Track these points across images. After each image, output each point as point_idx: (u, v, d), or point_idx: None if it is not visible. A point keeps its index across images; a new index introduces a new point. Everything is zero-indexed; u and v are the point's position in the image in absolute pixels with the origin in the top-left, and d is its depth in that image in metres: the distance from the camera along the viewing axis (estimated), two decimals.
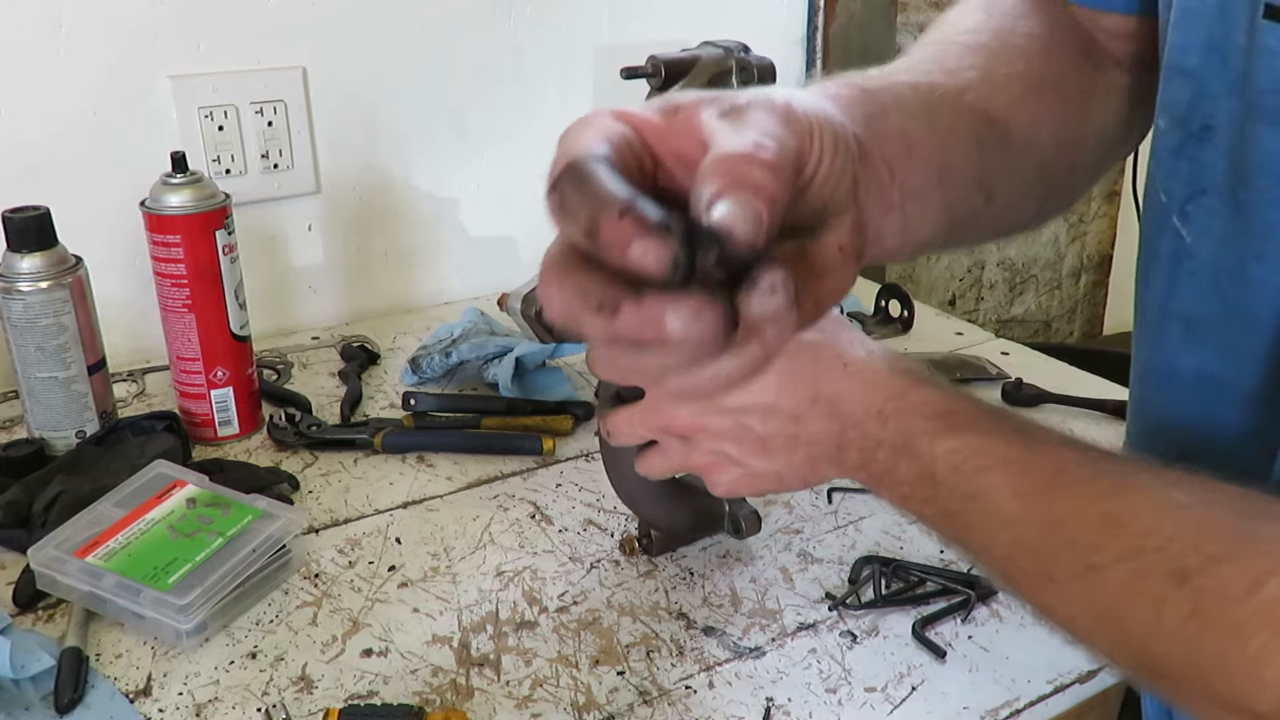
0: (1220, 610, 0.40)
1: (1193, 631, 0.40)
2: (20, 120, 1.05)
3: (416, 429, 0.99)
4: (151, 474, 0.83)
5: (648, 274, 0.34)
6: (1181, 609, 0.41)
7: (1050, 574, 0.46)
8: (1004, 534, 0.48)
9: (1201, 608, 0.40)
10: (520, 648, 0.72)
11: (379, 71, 1.22)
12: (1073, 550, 0.45)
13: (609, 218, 0.34)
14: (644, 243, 0.33)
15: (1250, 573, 0.40)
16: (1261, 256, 0.52)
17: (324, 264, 1.27)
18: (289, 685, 0.69)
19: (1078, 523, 0.45)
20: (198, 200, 0.92)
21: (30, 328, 0.88)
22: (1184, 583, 0.41)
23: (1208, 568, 0.41)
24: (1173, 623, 0.41)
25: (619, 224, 0.34)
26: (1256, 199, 0.52)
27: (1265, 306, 0.53)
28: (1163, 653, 0.42)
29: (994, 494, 0.48)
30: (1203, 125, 0.55)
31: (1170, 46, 0.56)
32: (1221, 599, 0.40)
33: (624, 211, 0.34)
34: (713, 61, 0.72)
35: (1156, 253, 0.59)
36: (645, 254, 0.33)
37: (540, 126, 1.34)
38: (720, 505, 0.80)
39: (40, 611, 0.75)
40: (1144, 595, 0.42)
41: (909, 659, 0.72)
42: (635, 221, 0.33)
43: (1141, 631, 0.42)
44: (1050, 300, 2.08)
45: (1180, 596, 0.41)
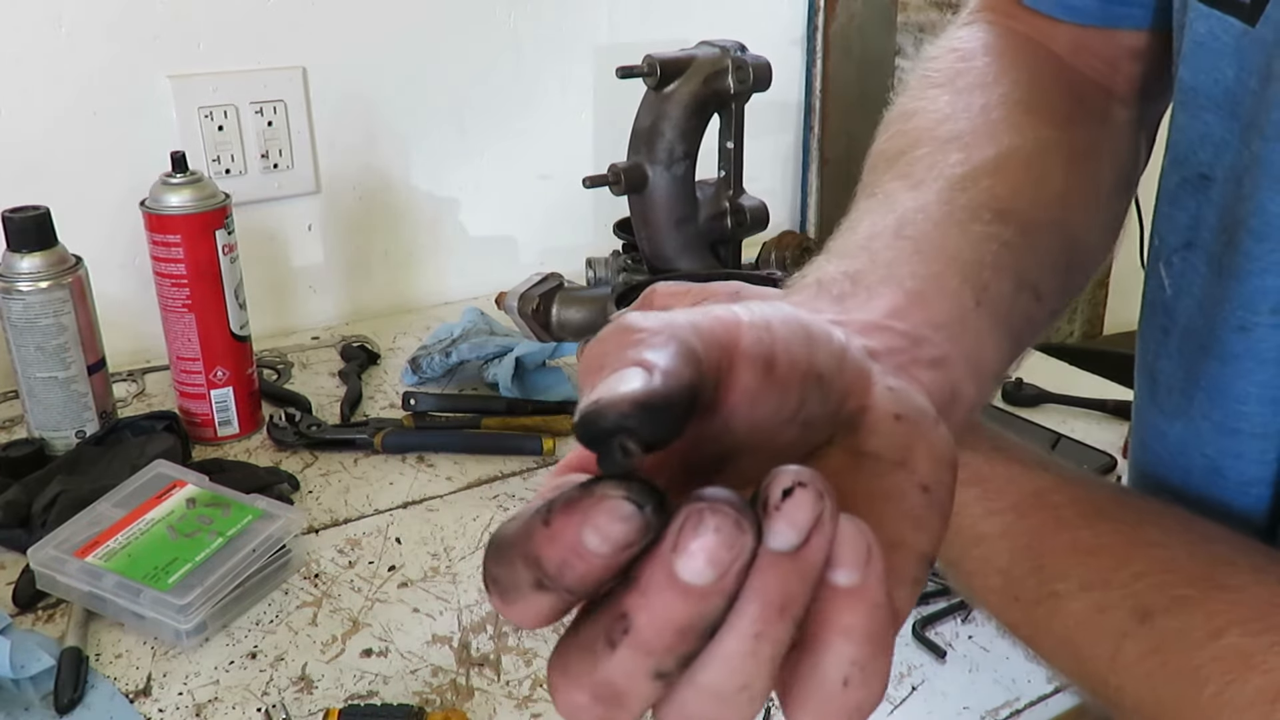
0: (1180, 653, 0.40)
1: (1150, 669, 0.40)
2: (20, 120, 1.05)
3: (416, 429, 0.99)
4: (151, 474, 0.83)
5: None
6: (1141, 646, 0.41)
7: (1016, 594, 0.46)
8: (973, 550, 0.48)
9: (1161, 648, 0.40)
10: (520, 648, 0.72)
11: (379, 71, 1.22)
12: (1039, 575, 0.45)
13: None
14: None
15: (1213, 619, 0.40)
16: (1244, 328, 0.47)
17: (324, 264, 1.27)
18: (289, 685, 0.68)
19: (1046, 548, 0.45)
20: (198, 200, 0.92)
21: (30, 328, 0.88)
22: (1146, 621, 0.41)
23: (1172, 609, 0.41)
24: (1131, 658, 0.41)
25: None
26: (1244, 265, 0.47)
27: (1239, 379, 0.48)
28: (1118, 686, 0.42)
29: (967, 510, 0.48)
30: (1200, 174, 0.50)
31: (1179, 81, 0.51)
32: (1182, 642, 0.40)
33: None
34: (709, 61, 0.72)
35: (1145, 294, 0.56)
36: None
37: (540, 126, 1.34)
38: None
39: (40, 611, 0.75)
40: (1105, 628, 0.42)
41: (909, 659, 0.72)
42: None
43: (1100, 663, 0.42)
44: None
45: (1141, 634, 0.41)
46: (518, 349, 1.06)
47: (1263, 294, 0.47)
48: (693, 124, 0.71)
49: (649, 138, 0.72)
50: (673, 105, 0.71)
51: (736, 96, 0.72)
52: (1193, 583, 0.41)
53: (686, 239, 0.73)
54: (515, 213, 1.36)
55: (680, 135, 0.71)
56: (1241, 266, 0.47)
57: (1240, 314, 0.48)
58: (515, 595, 0.26)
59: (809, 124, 1.56)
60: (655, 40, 1.12)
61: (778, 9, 1.49)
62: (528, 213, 1.37)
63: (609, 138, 1.37)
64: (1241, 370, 0.48)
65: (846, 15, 1.50)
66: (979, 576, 0.48)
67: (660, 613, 0.24)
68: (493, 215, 1.35)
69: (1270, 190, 0.45)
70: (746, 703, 0.26)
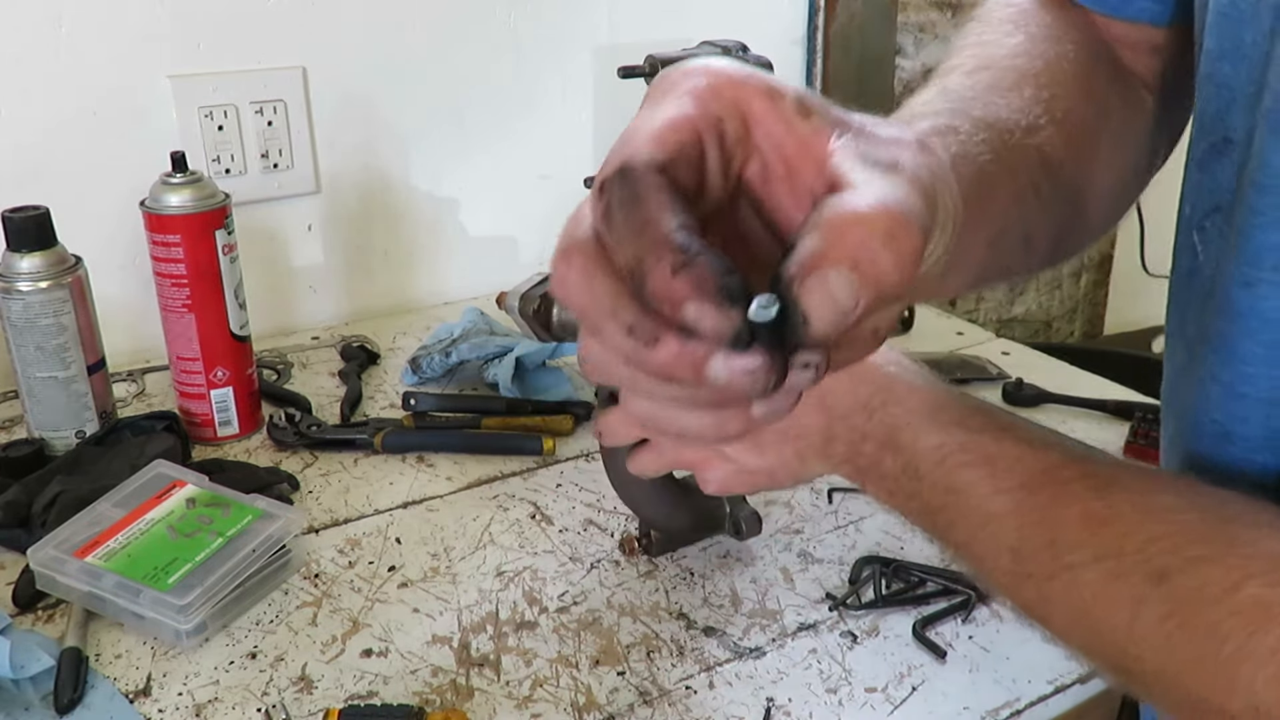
0: (1197, 611, 0.40)
1: (1169, 632, 0.40)
2: (20, 120, 1.05)
3: (416, 429, 0.99)
4: (151, 474, 0.83)
5: (698, 333, 0.30)
6: (1159, 610, 0.41)
7: (1028, 572, 0.46)
8: (983, 530, 0.48)
9: (1179, 609, 0.40)
10: (520, 648, 0.72)
11: (379, 71, 1.22)
12: (1051, 549, 0.45)
13: (660, 268, 0.30)
14: (700, 308, 0.30)
15: (1229, 574, 0.39)
16: (1249, 284, 0.48)
17: (324, 264, 1.27)
18: (289, 685, 0.68)
19: (1058, 522, 0.45)
20: (197, 200, 0.92)
21: (30, 328, 0.88)
22: (1162, 583, 0.41)
23: (1187, 569, 0.41)
24: (1149, 624, 0.41)
25: (671, 280, 0.30)
26: (1250, 220, 0.48)
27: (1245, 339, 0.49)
28: (1137, 654, 0.42)
29: (975, 490, 0.48)
30: (1223, 137, 0.52)
31: (1204, 52, 0.53)
32: (1199, 600, 0.40)
33: (679, 266, 0.30)
34: None
35: (1177, 267, 0.57)
36: (701, 319, 0.30)
37: (540, 126, 1.34)
38: (721, 506, 0.80)
39: (40, 611, 0.75)
40: (1122, 596, 0.42)
41: (909, 659, 0.72)
42: (693, 282, 0.30)
43: (1118, 633, 0.42)
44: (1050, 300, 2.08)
45: (1158, 597, 0.41)
46: (518, 349, 1.06)
47: (1267, 249, 0.47)
48: None
49: None
50: None
51: None
52: (1207, 542, 0.41)
53: None
54: (515, 213, 1.36)
55: None
56: (1247, 221, 0.48)
57: (1245, 269, 0.48)
58: (612, 231, 0.32)
59: None
60: (655, 40, 1.12)
61: (778, 9, 1.49)
62: (528, 213, 1.37)
63: (609, 138, 1.37)
64: (1247, 329, 0.49)
65: (846, 15, 1.50)
66: (990, 558, 0.48)
67: (671, 360, 0.31)
68: (493, 215, 1.35)
69: (1273, 143, 0.46)
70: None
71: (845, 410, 0.54)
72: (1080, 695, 0.70)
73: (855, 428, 0.54)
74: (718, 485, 0.60)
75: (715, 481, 0.60)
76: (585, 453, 0.97)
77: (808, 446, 0.56)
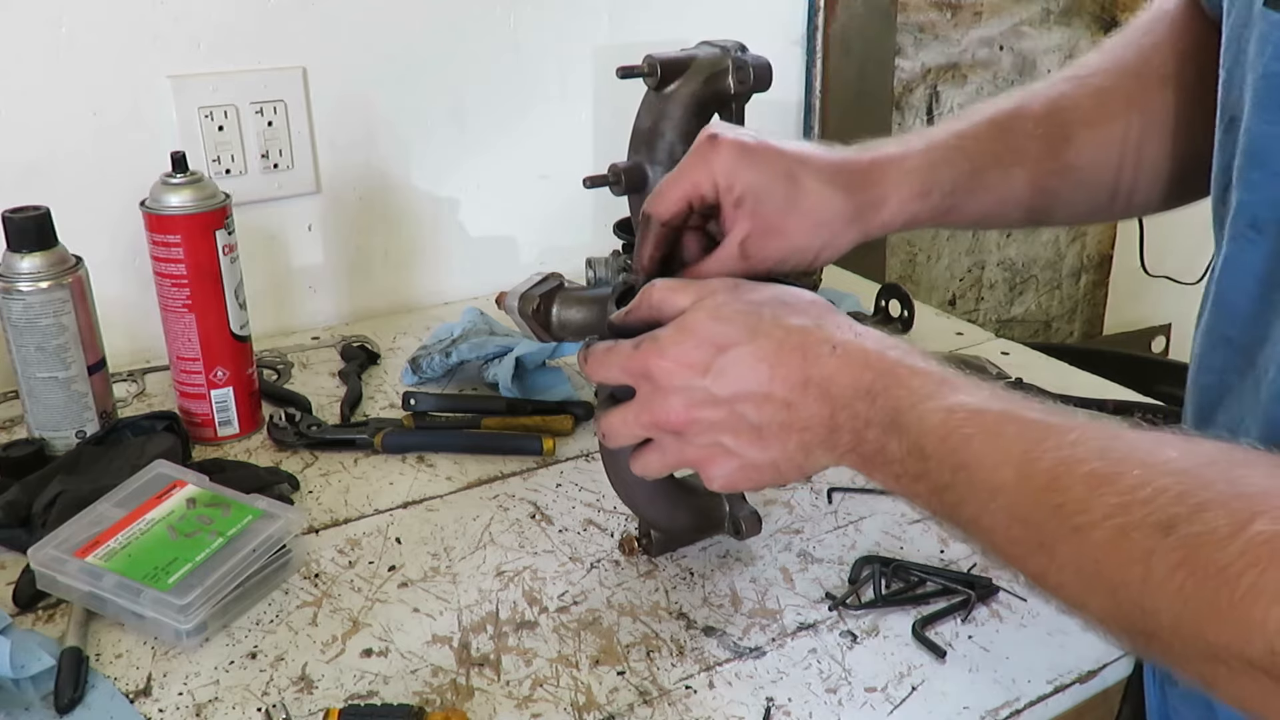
0: (1207, 555, 0.39)
1: (1181, 582, 0.40)
2: (20, 120, 1.05)
3: (416, 429, 0.99)
4: (151, 474, 0.83)
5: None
6: (1169, 560, 0.40)
7: (1039, 540, 0.46)
8: (992, 502, 0.48)
9: (1189, 557, 0.40)
10: (520, 648, 0.72)
11: (379, 71, 1.22)
12: (1060, 513, 0.45)
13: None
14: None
15: (1236, 516, 0.39)
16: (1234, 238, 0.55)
17: (324, 264, 1.27)
18: (289, 685, 0.69)
19: (1065, 485, 0.45)
20: (198, 200, 0.92)
21: (30, 328, 0.88)
22: (1171, 532, 0.40)
23: (1194, 516, 0.40)
24: (1161, 575, 0.40)
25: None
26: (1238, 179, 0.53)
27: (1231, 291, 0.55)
28: (1153, 609, 0.41)
29: (982, 462, 0.49)
30: (1230, 116, 0.55)
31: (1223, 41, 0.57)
32: (1208, 544, 0.39)
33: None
34: (708, 61, 0.72)
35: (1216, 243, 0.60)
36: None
37: (540, 126, 1.34)
38: (720, 505, 0.80)
39: (40, 611, 0.75)
40: (1132, 551, 0.42)
41: (909, 659, 0.72)
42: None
43: (1131, 590, 0.42)
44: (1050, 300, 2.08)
45: (1168, 546, 0.40)
46: (518, 349, 1.06)
47: (1244, 207, 0.53)
48: (693, 124, 0.71)
49: (649, 138, 0.72)
50: (673, 105, 0.71)
51: (737, 97, 0.72)
52: (1213, 487, 0.41)
53: None
54: (515, 213, 1.36)
55: (681, 136, 0.71)
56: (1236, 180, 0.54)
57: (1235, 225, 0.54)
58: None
59: (809, 124, 1.55)
60: (655, 40, 1.12)
61: (778, 9, 1.49)
62: (528, 213, 1.37)
63: (609, 138, 1.37)
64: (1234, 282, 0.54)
65: (846, 15, 1.50)
66: (1000, 530, 0.48)
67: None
68: (493, 215, 1.35)
69: (1252, 111, 0.52)
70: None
71: (848, 398, 0.55)
72: (1080, 695, 0.70)
73: (858, 415, 0.54)
74: (723, 482, 0.60)
75: (720, 478, 0.60)
76: (585, 453, 0.97)
77: (812, 438, 0.56)
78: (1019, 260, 2.01)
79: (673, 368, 0.58)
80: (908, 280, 1.86)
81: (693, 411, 0.58)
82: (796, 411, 0.56)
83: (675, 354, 0.58)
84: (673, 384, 0.58)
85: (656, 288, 0.62)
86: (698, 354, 0.58)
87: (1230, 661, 0.39)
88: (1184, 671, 0.43)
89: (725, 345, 0.57)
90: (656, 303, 0.61)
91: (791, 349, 0.56)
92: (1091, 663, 0.71)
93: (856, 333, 0.57)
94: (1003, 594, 0.77)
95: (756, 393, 0.57)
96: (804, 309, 0.58)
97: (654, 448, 0.62)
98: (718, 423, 0.58)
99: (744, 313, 0.58)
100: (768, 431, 0.57)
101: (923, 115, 1.73)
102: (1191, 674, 0.43)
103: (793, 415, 0.56)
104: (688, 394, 0.58)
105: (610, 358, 0.61)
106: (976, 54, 1.75)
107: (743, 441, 0.58)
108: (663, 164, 0.72)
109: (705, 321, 0.58)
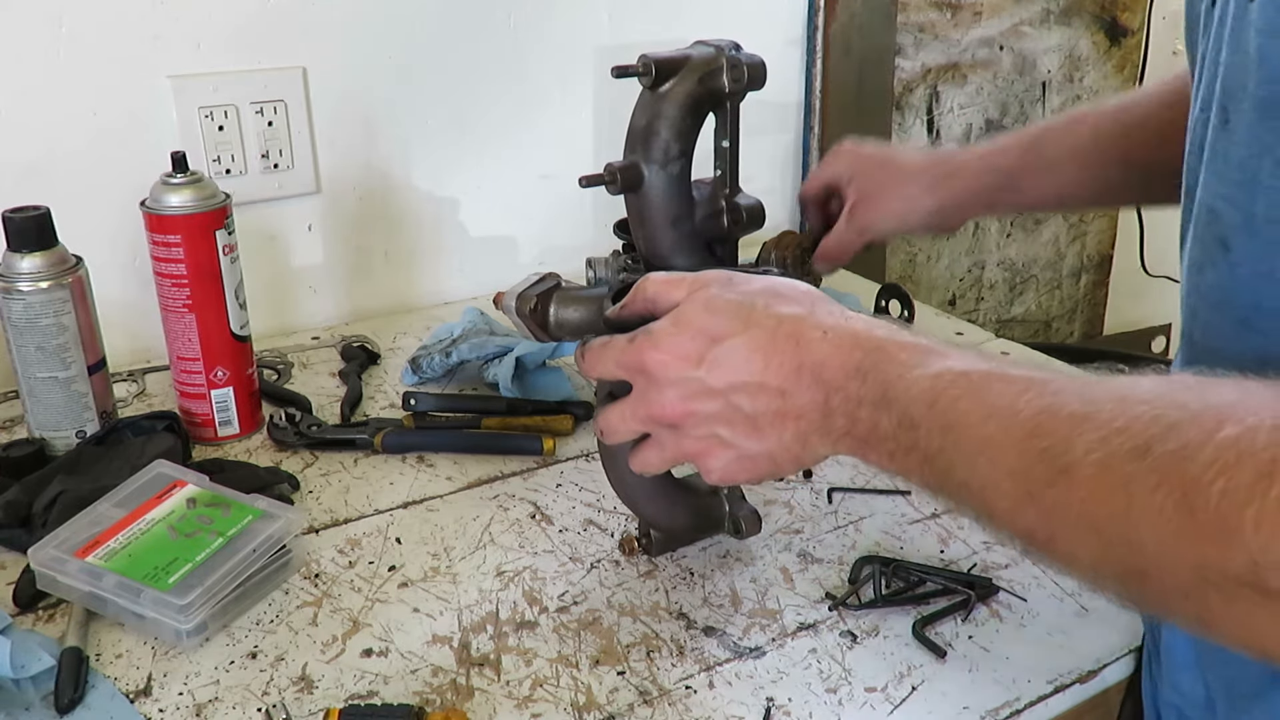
0: (1181, 470, 0.39)
1: (1160, 504, 0.40)
2: (20, 120, 1.05)
3: (416, 429, 0.99)
4: (151, 474, 0.83)
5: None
6: (1148, 483, 0.40)
7: (1028, 489, 0.46)
8: (981, 458, 0.48)
9: (1166, 476, 0.40)
10: (520, 648, 0.72)
11: (379, 71, 1.22)
12: (1045, 457, 0.45)
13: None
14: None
15: (1204, 428, 0.39)
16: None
17: (324, 264, 1.27)
18: (289, 685, 0.69)
19: (1048, 429, 0.45)
20: (198, 200, 0.92)
21: (30, 328, 0.88)
22: (1147, 455, 0.41)
23: (1168, 435, 0.40)
24: (1142, 501, 0.40)
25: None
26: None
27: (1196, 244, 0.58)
28: (1139, 541, 0.41)
29: (968, 419, 0.49)
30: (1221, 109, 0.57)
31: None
32: (1181, 460, 0.39)
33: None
34: (703, 60, 0.72)
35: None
36: None
37: (540, 127, 1.34)
38: (720, 505, 0.80)
39: (40, 611, 0.75)
40: (1113, 482, 0.42)
41: (909, 659, 0.72)
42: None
43: (1117, 523, 0.42)
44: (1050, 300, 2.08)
45: (1145, 470, 0.40)
46: (518, 349, 1.06)
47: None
48: (688, 123, 0.71)
49: (644, 137, 0.72)
50: (668, 104, 0.71)
51: (731, 95, 0.72)
52: (1185, 407, 0.41)
53: (682, 237, 0.73)
54: (515, 213, 1.36)
55: (676, 134, 0.71)
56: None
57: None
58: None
59: (809, 124, 1.55)
60: (656, 40, 1.12)
61: (778, 9, 1.49)
62: (528, 213, 1.37)
63: (609, 138, 1.37)
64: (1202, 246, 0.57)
65: (846, 15, 1.50)
66: (990, 488, 0.48)
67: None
68: (493, 215, 1.35)
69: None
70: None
71: (840, 380, 0.55)
72: (1080, 695, 0.70)
73: (850, 395, 0.54)
74: (720, 474, 0.60)
75: (717, 470, 0.60)
76: (585, 453, 0.97)
77: (808, 425, 0.56)
78: (1019, 260, 2.01)
79: (667, 359, 0.58)
80: (908, 280, 1.86)
81: (688, 403, 0.58)
82: (791, 399, 0.56)
83: (669, 346, 0.58)
84: (668, 376, 0.58)
85: (650, 281, 0.62)
86: (692, 345, 0.58)
87: (1220, 585, 0.39)
88: (1180, 613, 0.42)
89: (719, 336, 0.57)
90: (651, 296, 0.62)
91: (784, 337, 0.56)
92: (1091, 663, 0.71)
93: (846, 317, 0.57)
94: (1003, 594, 0.77)
95: (750, 382, 0.57)
96: (796, 299, 0.59)
97: (651, 443, 0.62)
98: (713, 414, 0.58)
99: (737, 304, 0.58)
100: (763, 420, 0.57)
101: (923, 115, 1.73)
102: (1188, 615, 0.42)
103: (787, 403, 0.56)
104: (683, 386, 0.58)
105: (605, 352, 0.61)
106: (976, 54, 1.75)
107: (738, 432, 0.58)
108: (658, 162, 0.71)
109: (699, 313, 0.58)
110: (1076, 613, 0.76)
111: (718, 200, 0.75)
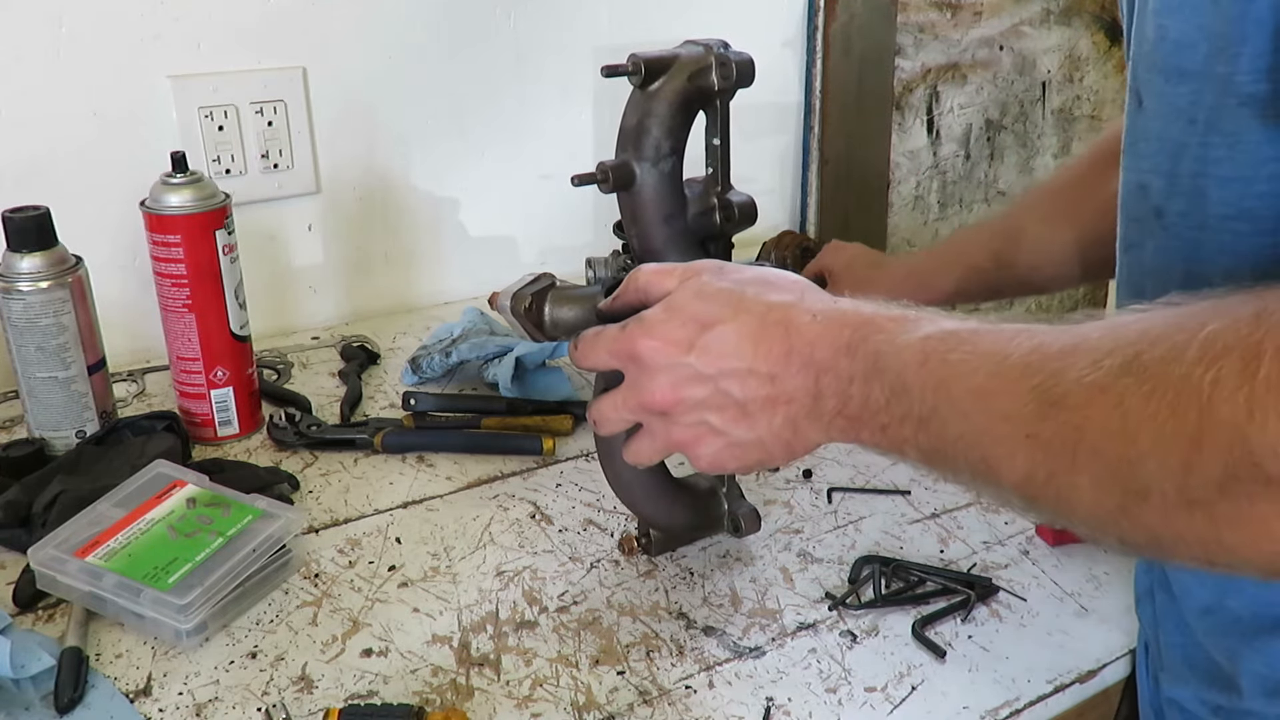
0: (1170, 372, 0.40)
1: (1154, 409, 0.40)
2: (20, 120, 1.05)
3: (416, 429, 0.99)
4: (151, 474, 0.83)
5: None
6: (1140, 392, 0.40)
7: (1025, 431, 0.46)
8: (975, 408, 0.48)
9: (1157, 385, 0.40)
10: (520, 648, 0.72)
11: (379, 71, 1.22)
12: (1038, 393, 0.45)
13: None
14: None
15: (1189, 329, 0.40)
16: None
17: (324, 264, 1.27)
18: (289, 685, 0.69)
19: (1039, 366, 0.45)
20: (198, 200, 0.92)
21: (30, 328, 0.89)
22: (1135, 366, 0.41)
23: (1156, 343, 0.41)
24: (1137, 412, 0.40)
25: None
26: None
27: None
28: (1135, 456, 0.41)
29: (959, 371, 0.49)
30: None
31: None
32: (1169, 361, 0.40)
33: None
34: (692, 59, 0.72)
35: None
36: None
37: (540, 127, 1.34)
38: (720, 504, 0.80)
39: (40, 611, 0.75)
40: (1107, 400, 0.42)
41: (909, 659, 0.72)
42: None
43: (1115, 440, 0.42)
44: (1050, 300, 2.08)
45: (1136, 382, 0.41)
46: (518, 349, 1.06)
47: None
48: (678, 120, 0.72)
49: (635, 135, 0.72)
50: (658, 103, 0.71)
51: (721, 93, 0.73)
52: (1169, 320, 0.42)
53: (675, 235, 0.73)
54: (515, 213, 1.36)
55: (666, 132, 0.71)
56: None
57: None
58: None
59: (808, 124, 1.56)
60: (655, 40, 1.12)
61: (777, 9, 1.49)
62: (528, 213, 1.37)
63: (609, 138, 1.37)
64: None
65: (846, 15, 1.50)
66: (986, 435, 0.48)
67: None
68: (493, 215, 1.35)
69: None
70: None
71: (830, 360, 0.55)
72: (1080, 695, 0.70)
73: (841, 374, 0.54)
74: (709, 461, 0.60)
75: (706, 457, 0.60)
76: (585, 452, 0.97)
77: (798, 410, 0.56)
78: None
79: (658, 345, 0.58)
80: None
81: (679, 390, 0.58)
82: (780, 384, 0.56)
83: (660, 332, 0.59)
84: (658, 363, 0.59)
85: (642, 272, 0.62)
86: (682, 332, 0.58)
87: (1222, 484, 0.38)
88: (1185, 535, 0.41)
89: (709, 322, 0.58)
90: (643, 286, 0.62)
91: (774, 323, 0.57)
92: (1091, 662, 0.71)
93: (835, 301, 0.58)
94: (1003, 594, 0.77)
95: (740, 368, 0.57)
96: (787, 287, 0.59)
97: (643, 433, 0.63)
98: (703, 400, 0.58)
99: (728, 291, 0.59)
100: (752, 406, 0.57)
101: (923, 115, 1.73)
102: (1193, 535, 0.41)
103: (777, 389, 0.56)
104: (673, 372, 0.58)
105: (598, 341, 0.62)
106: (976, 54, 1.75)
107: (728, 418, 0.58)
108: (649, 160, 0.72)
109: (690, 300, 0.59)
110: (1076, 613, 0.76)
111: (710, 197, 0.75)
